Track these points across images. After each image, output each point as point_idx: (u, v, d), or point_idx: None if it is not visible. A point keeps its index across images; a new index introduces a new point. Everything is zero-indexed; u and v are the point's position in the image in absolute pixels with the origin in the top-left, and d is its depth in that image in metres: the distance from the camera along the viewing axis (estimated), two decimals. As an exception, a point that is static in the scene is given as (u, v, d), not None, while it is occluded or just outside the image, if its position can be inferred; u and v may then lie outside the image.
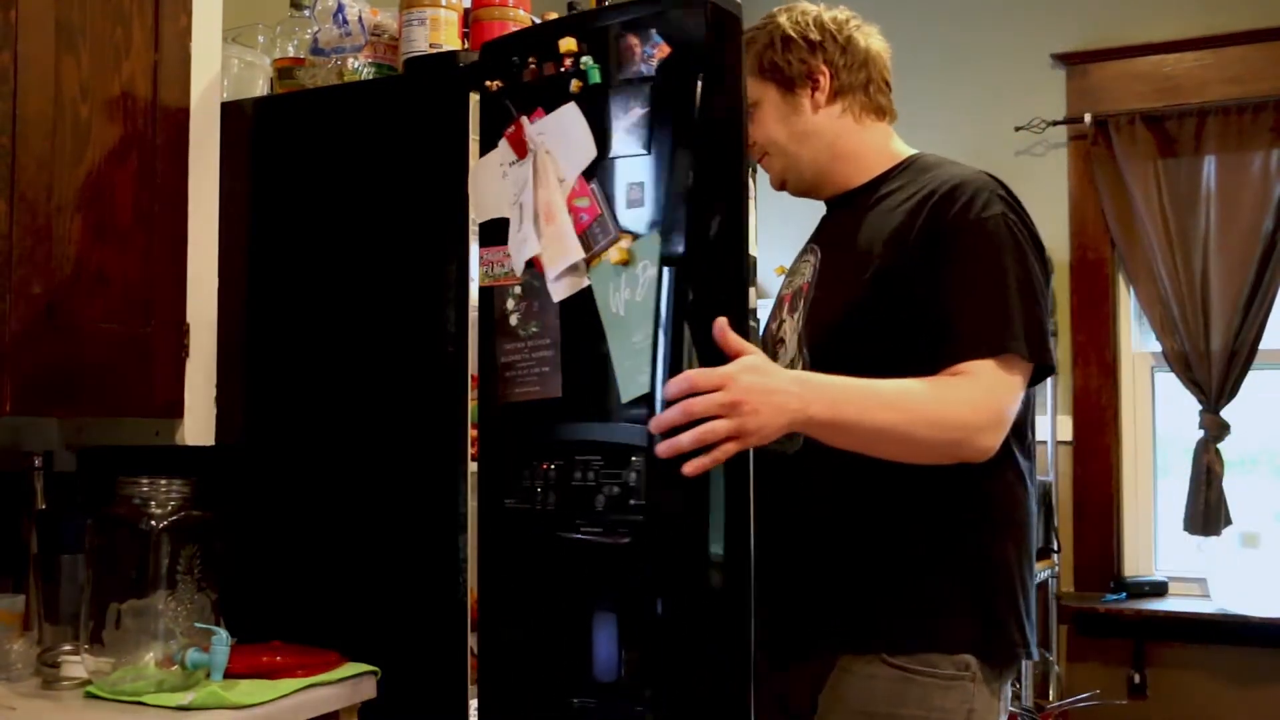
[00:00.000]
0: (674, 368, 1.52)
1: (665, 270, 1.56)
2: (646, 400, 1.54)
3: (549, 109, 1.68)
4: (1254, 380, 3.42)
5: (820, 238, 1.83)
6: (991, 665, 1.61)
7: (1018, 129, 3.65)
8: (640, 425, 1.53)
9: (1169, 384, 3.57)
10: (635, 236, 1.60)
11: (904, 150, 1.79)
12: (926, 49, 3.77)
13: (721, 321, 1.46)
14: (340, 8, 2.02)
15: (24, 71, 1.66)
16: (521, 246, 1.70)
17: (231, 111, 2.04)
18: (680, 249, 1.56)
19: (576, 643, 1.62)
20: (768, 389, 1.42)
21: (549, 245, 1.66)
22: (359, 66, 2.02)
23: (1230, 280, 3.38)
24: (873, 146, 1.77)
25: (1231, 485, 3.38)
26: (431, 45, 1.96)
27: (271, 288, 2.03)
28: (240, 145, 2.03)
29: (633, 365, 1.58)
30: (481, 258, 1.78)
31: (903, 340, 1.59)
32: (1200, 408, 3.42)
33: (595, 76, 1.64)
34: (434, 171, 1.87)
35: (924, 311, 1.58)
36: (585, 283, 1.63)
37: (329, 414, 1.96)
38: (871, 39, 1.78)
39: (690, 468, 1.40)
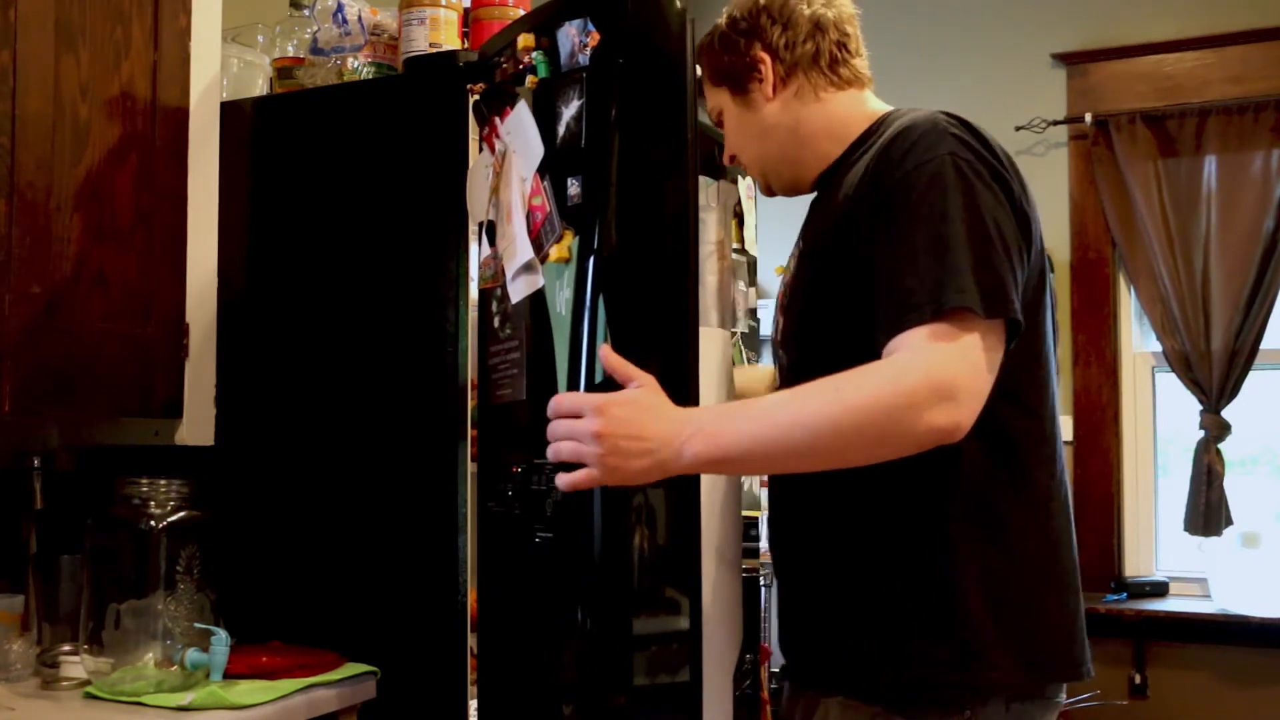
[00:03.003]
0: (588, 369, 1.48)
1: (587, 267, 1.52)
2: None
3: (514, 106, 1.67)
4: (1255, 380, 3.41)
5: (804, 225, 1.64)
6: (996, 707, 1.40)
7: (1018, 129, 3.65)
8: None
9: (1169, 384, 3.56)
10: (575, 233, 1.56)
11: (879, 110, 1.59)
12: (927, 49, 3.76)
13: (605, 348, 1.38)
14: (340, 7, 2.01)
15: (23, 71, 1.66)
16: (484, 249, 1.70)
17: (231, 111, 2.04)
18: (595, 244, 1.51)
19: (549, 649, 1.61)
20: (638, 430, 1.29)
21: (506, 246, 1.65)
22: (358, 66, 2.02)
23: (1231, 280, 3.37)
24: (841, 118, 1.57)
25: (1232, 485, 3.38)
26: (431, 45, 1.96)
27: (271, 288, 2.03)
28: (240, 145, 2.03)
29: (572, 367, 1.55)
30: (482, 260, 1.78)
31: (867, 324, 1.38)
32: (1201, 408, 3.42)
33: (543, 71, 1.63)
34: (434, 171, 1.86)
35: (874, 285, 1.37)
36: (541, 282, 1.60)
37: (329, 414, 1.96)
38: (822, 6, 1.58)
39: (560, 482, 1.33)
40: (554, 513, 1.53)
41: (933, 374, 1.27)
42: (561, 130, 1.58)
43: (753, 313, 2.21)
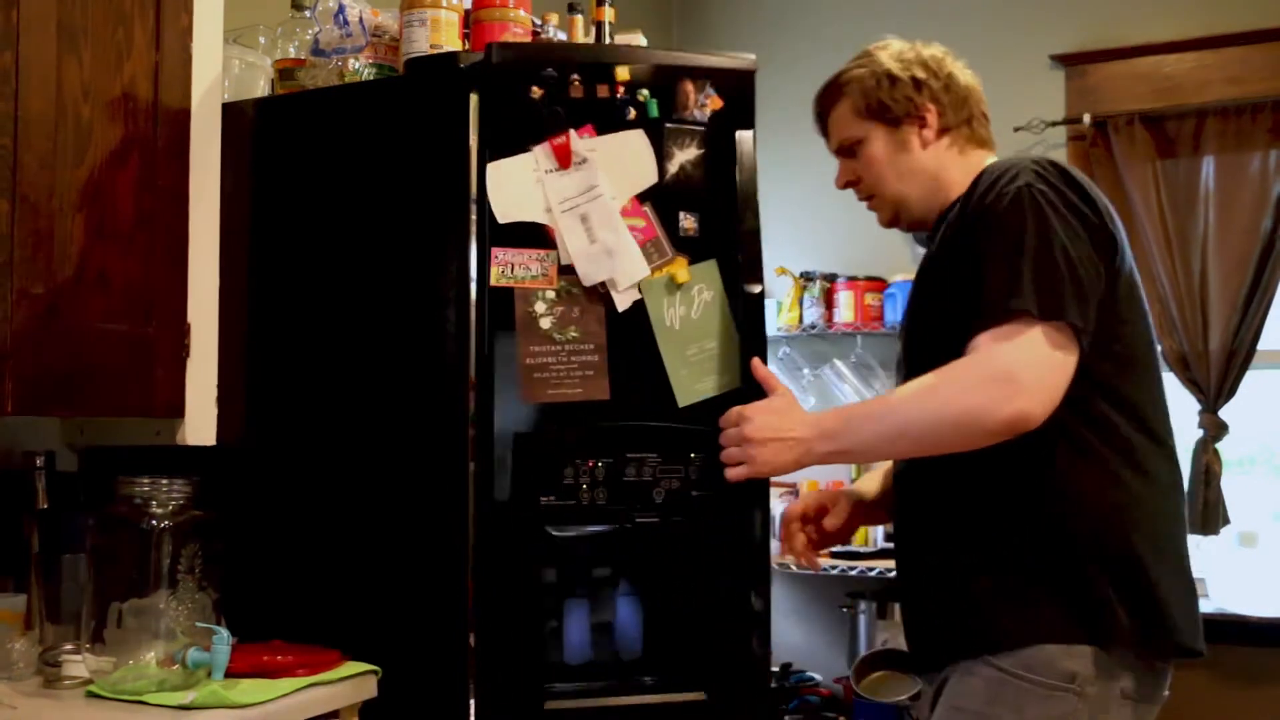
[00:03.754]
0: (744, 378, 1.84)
1: (721, 295, 1.86)
2: (706, 406, 1.83)
3: (600, 127, 1.83)
4: (1252, 380, 3.42)
5: (922, 261, 1.82)
6: (1108, 669, 1.56)
7: (1017, 129, 3.65)
8: (696, 427, 1.82)
9: (1168, 384, 3.56)
10: (690, 260, 1.85)
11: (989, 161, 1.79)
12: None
13: (756, 361, 1.79)
14: (341, 8, 2.02)
15: (26, 72, 1.67)
16: (598, 259, 1.82)
17: (232, 112, 2.04)
18: (739, 278, 1.88)
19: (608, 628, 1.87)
20: (776, 430, 1.68)
21: (616, 258, 1.82)
22: (360, 67, 2.02)
23: (1229, 280, 3.38)
24: (970, 171, 1.75)
25: (1230, 485, 3.38)
26: (432, 46, 1.96)
27: (273, 288, 2.03)
28: (241, 146, 2.04)
29: (689, 375, 1.83)
30: (497, 258, 1.79)
31: (964, 336, 1.58)
32: (1199, 407, 3.43)
33: (654, 111, 1.86)
34: (435, 172, 1.87)
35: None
36: (638, 295, 1.83)
37: (330, 414, 1.96)
38: (966, 74, 1.83)
39: (727, 475, 1.74)
40: (665, 501, 1.83)
41: (994, 367, 1.51)
42: (674, 169, 1.88)
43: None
